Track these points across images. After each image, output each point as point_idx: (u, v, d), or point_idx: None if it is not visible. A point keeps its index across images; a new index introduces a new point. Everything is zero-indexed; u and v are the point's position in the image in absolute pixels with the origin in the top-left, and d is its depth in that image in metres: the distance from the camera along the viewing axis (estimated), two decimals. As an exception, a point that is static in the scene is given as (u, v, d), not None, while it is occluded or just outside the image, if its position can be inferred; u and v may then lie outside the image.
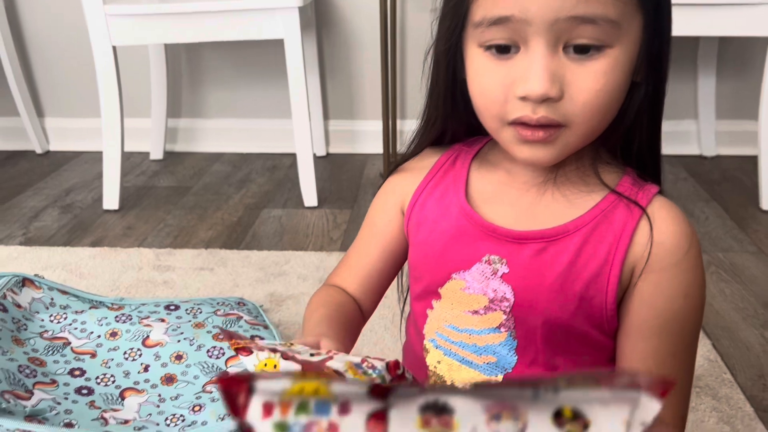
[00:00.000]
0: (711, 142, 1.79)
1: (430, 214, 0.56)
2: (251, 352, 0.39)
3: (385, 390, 0.21)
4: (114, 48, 1.44)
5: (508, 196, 0.54)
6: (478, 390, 0.21)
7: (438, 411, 0.21)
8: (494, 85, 0.48)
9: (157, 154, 1.87)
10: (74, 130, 1.95)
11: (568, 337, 0.52)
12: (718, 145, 1.80)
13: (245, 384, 0.22)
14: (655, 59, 0.49)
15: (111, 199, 1.54)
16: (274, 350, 0.38)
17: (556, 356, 0.52)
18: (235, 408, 0.22)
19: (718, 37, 1.68)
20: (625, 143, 0.53)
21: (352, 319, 0.57)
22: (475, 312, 0.53)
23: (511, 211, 0.53)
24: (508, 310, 0.52)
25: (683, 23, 1.38)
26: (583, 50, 0.45)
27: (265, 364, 0.38)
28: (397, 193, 0.59)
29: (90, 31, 1.41)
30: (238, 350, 0.40)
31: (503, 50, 0.47)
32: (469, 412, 0.21)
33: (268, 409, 0.21)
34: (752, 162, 1.51)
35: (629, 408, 0.21)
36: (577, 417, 0.21)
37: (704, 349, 1.00)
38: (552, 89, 0.45)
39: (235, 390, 0.22)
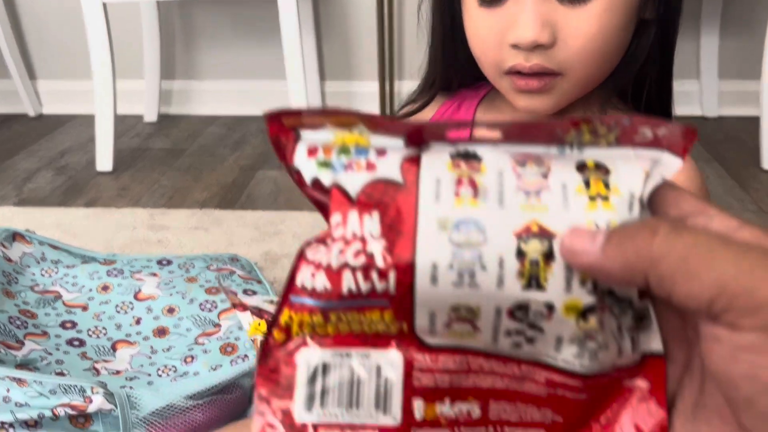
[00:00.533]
0: (713, 103, 1.76)
1: None
2: (246, 309, 0.38)
3: (421, 140, 0.23)
4: (104, 5, 1.40)
5: None
6: (507, 139, 0.23)
7: (467, 157, 0.22)
8: (488, 33, 0.47)
9: (151, 116, 1.85)
10: (67, 92, 1.92)
11: None
12: (720, 106, 1.78)
13: (292, 133, 0.24)
14: None
15: (104, 161, 1.52)
16: (260, 314, 0.37)
17: None
18: (283, 154, 0.24)
19: (722, -7, 1.64)
20: (636, 87, 0.51)
21: None
22: None
23: None
24: None
25: (687, -23, 1.35)
26: None
27: (259, 324, 0.37)
28: None
29: (79, -13, 1.38)
30: (235, 305, 0.39)
31: (493, 0, 0.46)
32: (496, 159, 0.22)
33: (312, 151, 0.24)
34: (755, 123, 1.49)
35: (650, 163, 0.22)
36: (600, 167, 0.22)
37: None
38: (542, 35, 0.44)
39: (283, 139, 0.24)
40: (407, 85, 1.83)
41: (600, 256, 0.19)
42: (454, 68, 0.54)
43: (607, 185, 0.21)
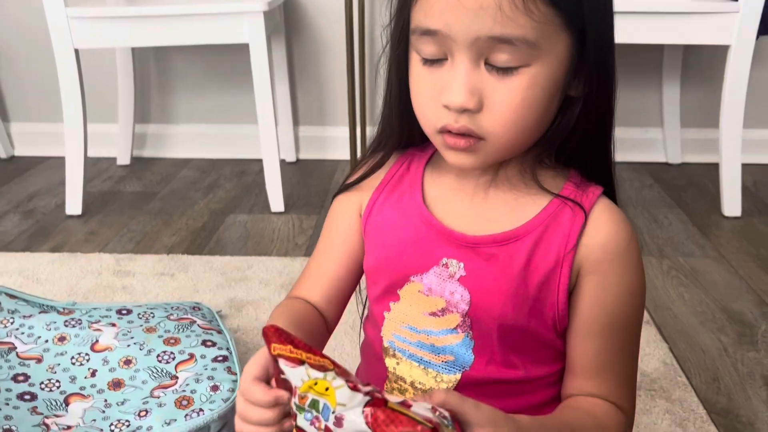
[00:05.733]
0: (677, 150, 1.81)
1: (388, 219, 0.57)
2: (301, 363, 0.39)
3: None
4: (77, 51, 1.42)
5: (460, 200, 0.55)
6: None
7: None
8: (426, 92, 0.50)
9: (124, 159, 1.85)
10: (40, 134, 1.92)
11: (523, 337, 0.53)
12: (683, 153, 1.83)
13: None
14: (594, 74, 0.50)
15: (74, 205, 1.52)
16: (337, 373, 0.39)
17: (511, 355, 0.54)
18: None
19: (682, 45, 1.71)
20: (572, 150, 0.53)
21: (314, 329, 0.57)
22: (433, 314, 0.54)
23: (464, 216, 0.55)
24: (464, 312, 0.53)
25: (647, 31, 1.40)
26: (504, 64, 0.47)
27: (315, 383, 0.38)
28: (354, 198, 0.60)
29: (51, 34, 1.40)
30: (283, 357, 0.40)
31: (434, 61, 0.49)
32: None
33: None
34: (717, 169, 1.53)
35: None
36: None
37: (660, 352, 1.00)
38: (470, 101, 0.47)
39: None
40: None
41: None
42: (406, 125, 0.56)
43: None
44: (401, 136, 0.58)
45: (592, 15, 0.48)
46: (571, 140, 0.52)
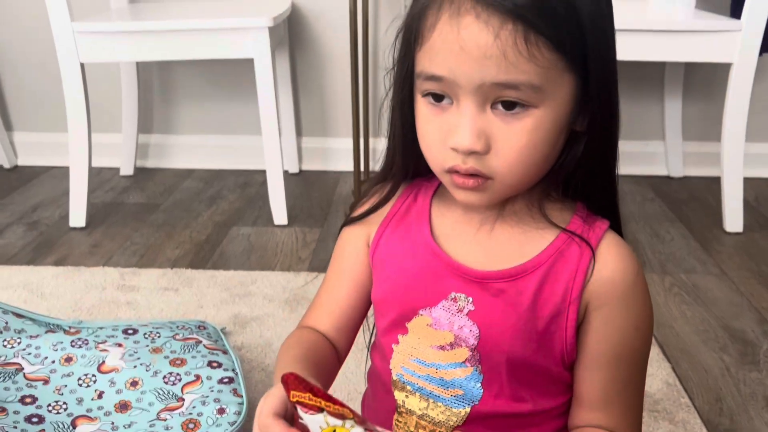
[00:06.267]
0: (678, 163, 1.82)
1: (395, 251, 0.57)
2: (320, 411, 0.39)
3: None
4: (82, 65, 1.42)
5: (468, 234, 0.56)
6: None
7: None
8: (433, 133, 0.51)
9: (127, 169, 1.86)
10: (43, 144, 1.93)
11: (531, 371, 0.54)
12: (685, 166, 1.83)
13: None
14: (598, 112, 0.50)
15: (77, 217, 1.52)
16: (356, 421, 0.39)
17: (520, 389, 0.54)
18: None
19: (683, 62, 1.71)
20: (577, 183, 0.54)
21: (325, 359, 0.58)
22: (441, 347, 0.54)
23: (472, 250, 0.55)
24: (473, 346, 0.53)
25: (649, 49, 1.41)
26: (509, 106, 0.47)
27: (334, 430, 0.39)
28: (361, 229, 0.60)
29: (57, 48, 1.40)
30: (302, 404, 0.40)
31: (439, 98, 0.50)
32: None
33: None
34: (718, 183, 1.54)
35: None
36: None
37: (663, 372, 1.01)
38: (477, 144, 0.48)
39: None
40: (382, 143, 1.86)
41: None
42: (412, 160, 0.57)
43: None
44: (407, 170, 0.58)
45: (594, 56, 0.48)
46: (577, 174, 0.53)
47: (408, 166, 0.58)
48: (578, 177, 0.53)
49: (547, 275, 0.52)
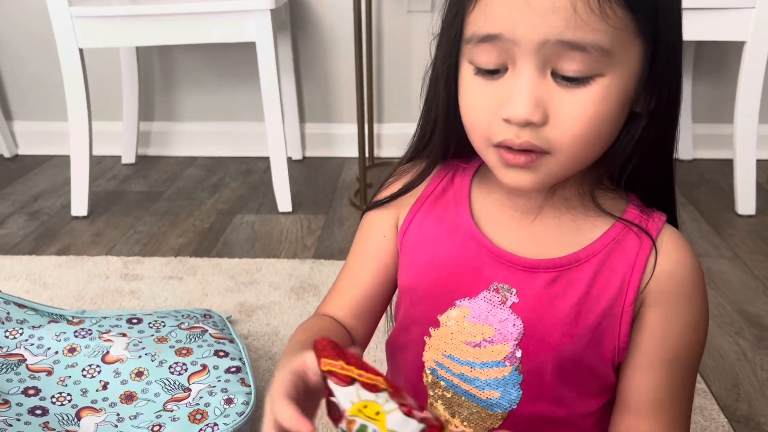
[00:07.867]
0: (688, 146, 1.79)
1: (429, 234, 0.53)
2: (351, 382, 0.36)
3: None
4: (81, 50, 1.40)
5: (511, 219, 0.51)
6: None
7: None
8: (481, 105, 0.46)
9: (129, 158, 1.84)
10: (44, 133, 1.90)
11: (578, 370, 0.50)
12: (695, 149, 1.80)
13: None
14: (659, 89, 0.46)
15: (79, 206, 1.50)
16: (390, 393, 0.35)
17: (563, 390, 0.50)
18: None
19: (694, 41, 1.68)
20: (633, 172, 0.50)
21: None
22: (477, 344, 0.50)
23: (518, 237, 0.51)
24: (516, 342, 0.49)
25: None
26: (573, 76, 0.43)
27: (365, 406, 0.35)
28: (390, 211, 0.56)
29: (55, 34, 1.37)
30: (333, 373, 0.36)
31: (492, 72, 0.45)
32: None
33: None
34: (729, 165, 1.51)
35: None
36: None
37: (679, 358, 0.99)
38: (535, 114, 0.43)
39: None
40: (386, 128, 1.84)
41: None
42: (453, 140, 0.52)
43: None
44: (446, 149, 0.53)
45: (666, 22, 0.44)
46: (632, 160, 0.48)
47: (448, 145, 0.53)
48: (635, 163, 0.48)
49: (603, 266, 0.48)
